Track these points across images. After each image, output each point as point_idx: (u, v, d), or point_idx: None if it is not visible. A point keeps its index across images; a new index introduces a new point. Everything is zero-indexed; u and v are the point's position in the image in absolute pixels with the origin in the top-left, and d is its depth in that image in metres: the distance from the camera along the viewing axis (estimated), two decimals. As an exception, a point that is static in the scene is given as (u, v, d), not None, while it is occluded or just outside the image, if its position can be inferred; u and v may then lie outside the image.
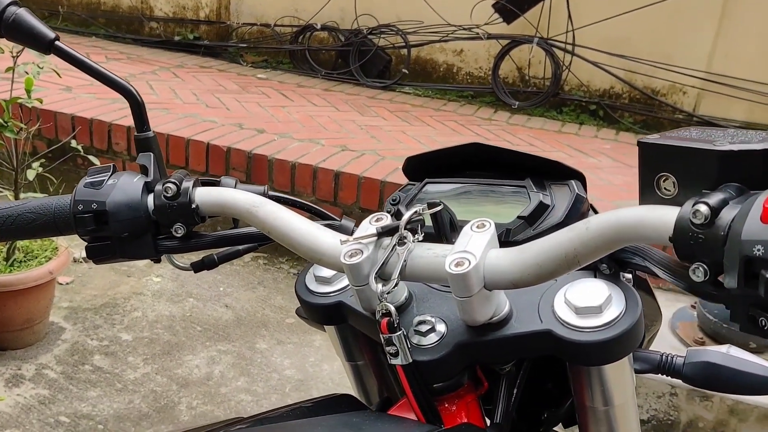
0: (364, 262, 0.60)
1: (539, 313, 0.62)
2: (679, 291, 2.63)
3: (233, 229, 0.72)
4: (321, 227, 0.65)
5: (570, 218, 0.67)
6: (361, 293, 0.62)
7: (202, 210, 0.69)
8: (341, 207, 2.93)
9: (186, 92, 3.89)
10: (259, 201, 0.67)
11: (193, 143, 3.14)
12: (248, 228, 0.72)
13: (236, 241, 0.72)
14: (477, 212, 0.71)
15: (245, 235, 0.72)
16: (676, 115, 4.21)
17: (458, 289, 0.57)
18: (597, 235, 0.52)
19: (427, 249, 0.61)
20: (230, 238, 0.71)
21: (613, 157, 3.53)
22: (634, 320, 0.59)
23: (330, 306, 0.70)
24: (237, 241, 0.72)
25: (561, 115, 4.29)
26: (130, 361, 2.38)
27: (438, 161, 0.76)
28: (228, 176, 0.76)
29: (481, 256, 0.57)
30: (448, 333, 0.63)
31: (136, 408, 2.17)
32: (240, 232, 0.72)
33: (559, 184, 0.70)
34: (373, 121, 3.73)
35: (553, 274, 0.56)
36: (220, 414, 2.16)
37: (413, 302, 0.67)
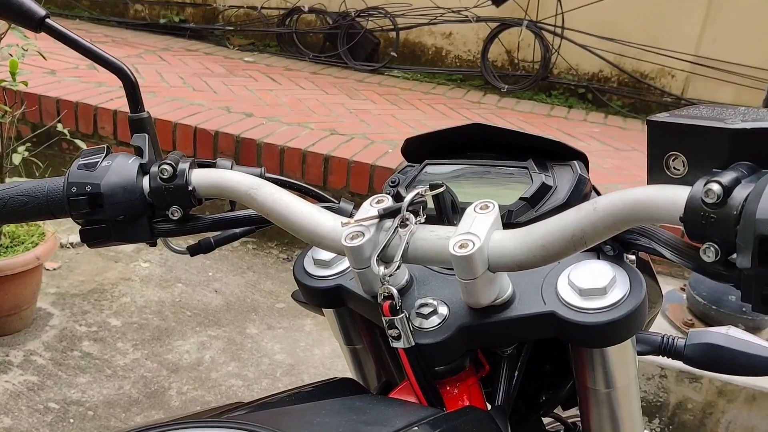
0: (366, 244, 0.59)
1: (542, 295, 0.61)
2: (668, 273, 2.65)
3: (230, 212, 0.71)
4: (321, 209, 0.64)
5: (573, 199, 0.66)
6: (362, 276, 0.61)
7: (198, 192, 0.67)
8: (331, 191, 2.92)
9: (172, 76, 3.85)
10: (258, 183, 0.65)
11: (181, 127, 3.11)
12: (246, 211, 0.70)
13: (234, 224, 0.70)
14: (478, 194, 0.70)
15: (243, 217, 0.70)
16: (664, 99, 4.22)
17: (462, 271, 0.56)
18: (605, 215, 0.52)
19: (429, 231, 0.60)
20: (228, 221, 0.70)
21: (601, 140, 3.53)
22: (638, 302, 0.58)
23: (329, 289, 0.69)
24: (234, 224, 0.70)
25: (550, 98, 4.28)
26: (119, 347, 2.37)
27: (438, 142, 0.75)
28: (224, 158, 0.74)
29: (486, 238, 0.56)
30: (450, 316, 0.62)
31: (126, 394, 2.16)
32: (237, 215, 0.70)
33: (561, 164, 0.69)
34: (362, 104, 3.71)
35: (558, 256, 0.55)
36: (210, 399, 2.16)
37: (414, 285, 0.66)
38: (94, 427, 2.03)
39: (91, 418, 2.05)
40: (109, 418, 2.06)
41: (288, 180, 0.75)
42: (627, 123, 3.98)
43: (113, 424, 2.04)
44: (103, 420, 2.05)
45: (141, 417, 2.07)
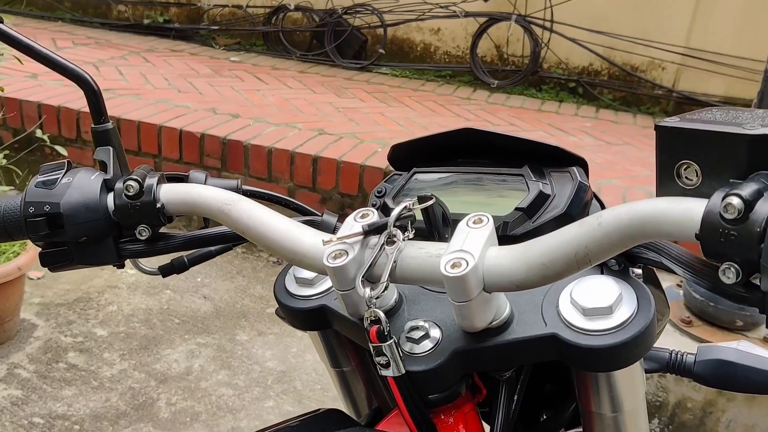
0: (350, 264, 0.54)
1: (543, 315, 0.56)
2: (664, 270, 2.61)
3: (204, 229, 0.66)
4: (301, 226, 0.59)
5: (573, 208, 0.61)
6: (346, 298, 0.56)
7: (168, 209, 0.62)
8: (320, 193, 2.87)
9: (157, 77, 3.78)
10: (232, 198, 0.60)
11: (166, 130, 3.05)
12: (221, 227, 0.65)
13: (208, 242, 0.65)
14: (470, 203, 0.65)
15: (218, 235, 0.65)
16: (655, 91, 4.18)
17: (455, 293, 0.51)
18: (611, 231, 0.47)
19: (419, 248, 0.55)
20: (201, 239, 0.65)
21: (594, 135, 3.49)
22: (647, 321, 0.54)
23: (312, 310, 0.65)
24: (209, 241, 0.65)
25: (540, 93, 4.24)
26: (106, 358, 2.31)
27: (427, 148, 0.70)
28: (197, 170, 0.69)
29: (480, 256, 0.51)
30: (443, 339, 0.57)
31: (114, 406, 2.10)
32: (212, 232, 0.65)
33: (559, 171, 0.64)
34: (351, 103, 3.66)
35: (560, 275, 0.50)
36: (200, 410, 2.10)
37: (404, 305, 0.61)
38: (81, 442, 1.98)
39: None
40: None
41: (267, 192, 0.70)
42: (618, 117, 3.94)
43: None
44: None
45: (129, 430, 2.02)
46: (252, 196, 0.70)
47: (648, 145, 3.42)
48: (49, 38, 4.40)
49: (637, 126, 3.79)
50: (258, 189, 0.70)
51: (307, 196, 2.89)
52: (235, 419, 2.08)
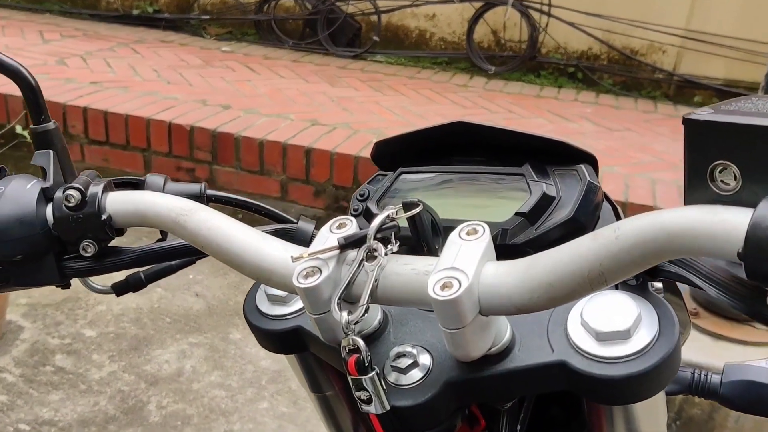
0: (324, 283, 0.47)
1: (549, 340, 0.48)
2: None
3: (161, 242, 0.58)
4: (268, 238, 0.51)
5: (581, 212, 0.54)
6: (321, 323, 0.48)
7: (116, 221, 0.54)
8: (314, 185, 2.78)
9: (146, 69, 3.69)
10: (189, 207, 0.52)
11: (154, 123, 2.96)
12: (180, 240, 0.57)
13: (165, 257, 0.57)
14: (464, 208, 0.57)
15: (176, 248, 0.57)
16: (656, 75, 4.09)
17: (446, 318, 0.44)
18: (631, 245, 0.39)
19: (404, 264, 0.47)
20: (157, 254, 0.57)
21: (594, 121, 3.41)
22: (671, 346, 0.46)
23: (286, 332, 0.57)
24: (166, 256, 0.57)
25: (539, 79, 4.15)
26: (94, 360, 2.24)
27: (414, 145, 0.62)
28: (156, 174, 0.61)
29: (475, 274, 0.43)
30: (434, 368, 0.50)
31: (102, 410, 2.03)
32: (169, 245, 0.57)
33: (565, 169, 0.56)
34: (345, 92, 3.57)
35: (570, 297, 0.42)
36: (192, 413, 2.03)
37: (389, 327, 0.53)
38: (68, 449, 1.91)
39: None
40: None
41: (235, 197, 0.62)
42: (619, 102, 3.85)
43: (88, 444, 1.92)
44: (77, 440, 1.93)
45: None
46: (218, 202, 0.62)
47: (649, 130, 3.33)
48: (36, 31, 4.30)
49: (638, 111, 3.71)
50: (224, 194, 0.62)
51: (301, 188, 2.81)
52: (228, 422, 2.01)
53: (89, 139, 3.08)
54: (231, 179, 2.91)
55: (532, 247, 0.53)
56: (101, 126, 3.02)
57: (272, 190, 2.86)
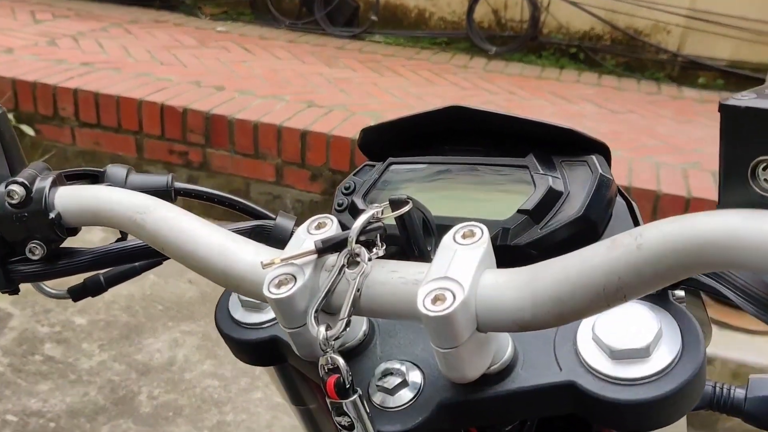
0: (299, 293, 0.41)
1: (556, 357, 0.43)
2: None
3: (120, 242, 0.52)
4: (238, 239, 0.45)
5: (592, 209, 0.48)
6: (296, 337, 0.42)
7: (67, 220, 0.48)
8: (310, 169, 2.72)
9: (139, 50, 3.61)
10: (148, 204, 0.46)
11: (146, 105, 2.89)
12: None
13: (126, 259, 0.51)
14: (460, 203, 0.51)
15: (138, 249, 0.51)
16: (659, 56, 4.01)
17: (438, 337, 0.38)
18: (656, 256, 0.33)
19: (390, 271, 0.41)
20: (117, 255, 0.51)
21: (597, 103, 3.33)
22: (696, 366, 0.40)
23: (262, 343, 0.51)
24: (127, 258, 0.51)
25: (540, 59, 4.06)
26: (84, 349, 2.19)
27: (406, 132, 0.56)
28: (118, 164, 0.55)
29: (471, 285, 0.37)
30: (426, 387, 0.44)
31: (92, 401, 1.98)
32: (130, 245, 0.51)
33: (573, 160, 0.50)
34: (342, 73, 3.49)
35: (581, 314, 0.36)
36: (184, 403, 1.98)
37: (376, 339, 0.47)
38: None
39: (52, 430, 1.88)
40: (72, 429, 1.89)
41: (205, 191, 0.56)
42: (622, 83, 3.77)
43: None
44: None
45: (107, 427, 1.90)
46: (187, 196, 0.56)
47: (653, 113, 3.26)
48: (28, 11, 4.21)
49: (642, 92, 3.63)
50: (194, 187, 0.55)
51: (296, 173, 2.74)
52: (221, 413, 1.97)
53: (80, 122, 3.01)
54: (225, 163, 2.84)
55: (536, 248, 0.47)
56: (92, 108, 2.95)
57: (267, 174, 2.79)
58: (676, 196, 2.32)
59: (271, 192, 2.82)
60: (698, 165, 2.59)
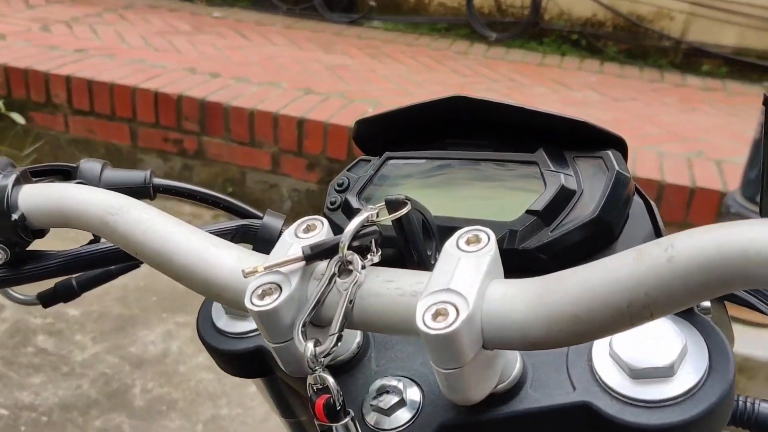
0: (284, 305, 0.37)
1: (570, 375, 0.39)
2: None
3: (93, 245, 0.47)
4: (220, 243, 0.41)
5: (608, 210, 0.43)
6: (281, 353, 0.38)
7: (32, 221, 0.44)
8: (307, 158, 2.67)
9: (133, 36, 3.55)
10: (120, 204, 0.42)
11: (140, 92, 2.84)
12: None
13: (98, 262, 0.47)
14: (463, 202, 0.47)
15: (111, 252, 0.47)
16: (663, 43, 3.95)
17: (440, 356, 0.34)
18: (690, 270, 0.29)
19: (386, 281, 0.37)
20: (89, 259, 0.47)
21: (599, 91, 3.28)
22: (725, 386, 0.36)
23: (248, 354, 0.47)
24: (100, 261, 0.47)
25: (542, 46, 4.00)
26: (77, 341, 2.15)
27: (404, 125, 0.52)
28: (92, 159, 0.51)
29: (477, 298, 0.33)
30: (425, 406, 0.40)
31: (85, 394, 1.95)
32: (103, 248, 0.47)
33: (587, 156, 0.46)
34: (340, 59, 3.43)
35: (600, 333, 0.32)
36: (178, 397, 1.95)
37: (370, 351, 0.43)
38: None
39: (44, 424, 1.85)
40: (65, 423, 1.86)
41: (187, 187, 0.52)
42: (624, 70, 3.72)
43: (69, 430, 1.84)
44: (57, 426, 1.85)
45: (101, 421, 1.87)
46: (167, 194, 0.52)
47: (656, 101, 3.21)
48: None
49: (644, 80, 3.58)
50: (175, 183, 0.51)
51: (293, 161, 2.70)
52: (216, 407, 1.93)
53: (73, 110, 2.95)
54: (220, 151, 2.80)
55: (546, 252, 0.43)
56: (85, 95, 2.90)
57: (263, 162, 2.75)
58: (680, 186, 2.28)
59: (267, 181, 2.78)
60: (702, 154, 2.55)
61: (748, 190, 1.93)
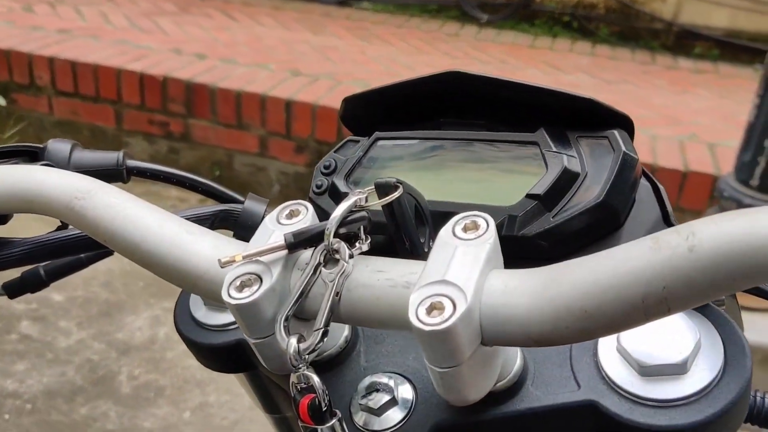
0: (264, 298, 0.34)
1: (574, 371, 0.36)
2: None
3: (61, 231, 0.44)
4: (196, 229, 0.38)
5: (615, 194, 0.41)
6: (262, 349, 0.35)
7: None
8: (295, 140, 2.63)
9: (118, 16, 3.48)
10: (88, 188, 0.39)
11: (125, 74, 2.78)
12: (84, 228, 0.44)
13: (67, 250, 0.44)
14: (458, 185, 0.44)
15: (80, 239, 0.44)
16: (654, 25, 3.92)
17: (435, 354, 0.31)
18: (714, 261, 0.26)
19: (376, 271, 0.34)
20: (56, 247, 0.44)
21: (591, 73, 3.25)
22: (742, 384, 0.34)
23: (228, 347, 0.44)
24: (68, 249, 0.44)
25: (533, 28, 3.96)
26: (62, 327, 2.11)
27: (395, 103, 0.49)
28: (61, 139, 0.47)
29: (476, 291, 0.30)
30: (418, 405, 0.37)
31: (70, 381, 1.92)
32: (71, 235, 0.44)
33: (592, 136, 0.43)
34: (328, 41, 3.38)
35: (612, 329, 0.29)
36: (165, 384, 1.92)
37: (359, 346, 0.41)
38: (33, 423, 1.80)
39: (29, 412, 1.82)
40: (49, 411, 1.83)
41: (162, 170, 0.49)
42: (616, 52, 3.69)
43: (54, 418, 1.81)
44: (43, 414, 1.82)
45: (87, 408, 1.84)
46: (141, 176, 0.48)
47: (648, 83, 3.19)
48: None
49: (636, 62, 3.55)
50: (150, 165, 0.48)
51: (281, 144, 2.66)
52: (203, 393, 1.91)
53: (57, 91, 2.90)
54: (207, 134, 2.75)
55: (547, 239, 0.40)
56: (69, 77, 2.84)
57: (250, 145, 2.71)
58: (673, 169, 2.26)
59: (255, 164, 2.74)
60: (695, 137, 2.53)
61: (741, 173, 1.91)
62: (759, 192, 1.87)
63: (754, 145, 1.86)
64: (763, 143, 1.85)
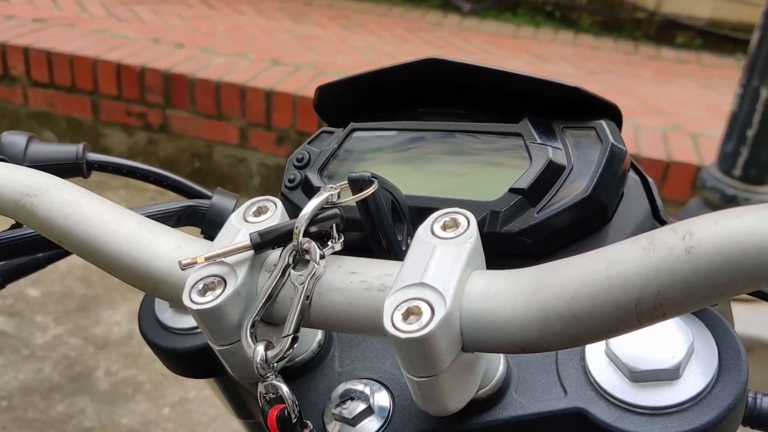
0: (229, 302, 0.31)
1: (560, 377, 0.34)
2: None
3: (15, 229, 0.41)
4: (156, 228, 0.35)
5: (602, 188, 0.38)
6: (228, 356, 0.33)
7: (-64, 204, 0.38)
8: (276, 132, 2.60)
9: (95, 5, 3.41)
10: (39, 184, 0.36)
11: (102, 64, 2.72)
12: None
13: (21, 250, 0.41)
14: (437, 179, 0.42)
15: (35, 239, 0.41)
16: (637, 15, 3.91)
17: (411, 363, 0.29)
18: (714, 264, 0.24)
19: (348, 273, 0.32)
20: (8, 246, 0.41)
21: (574, 63, 3.24)
22: (737, 390, 0.32)
23: (195, 352, 0.42)
24: (22, 248, 0.41)
25: (516, 17, 3.94)
26: (38, 322, 2.07)
27: (372, 91, 0.46)
28: (16, 132, 0.44)
29: (455, 294, 0.28)
30: (396, 414, 0.35)
31: (46, 378, 1.88)
32: (25, 233, 0.41)
33: (578, 127, 0.41)
34: (310, 30, 3.34)
35: (603, 335, 0.27)
36: (144, 380, 1.89)
37: (333, 350, 0.38)
38: (9, 420, 1.76)
39: (5, 409, 1.78)
40: (26, 408, 1.79)
41: (125, 164, 0.46)
42: (599, 42, 3.68)
43: (31, 415, 1.77)
44: (19, 411, 1.78)
45: (64, 405, 1.80)
46: (103, 171, 0.46)
47: (631, 73, 3.18)
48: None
49: (619, 52, 3.54)
50: (112, 159, 0.45)
51: (262, 135, 2.62)
52: (183, 389, 1.88)
53: (32, 81, 2.83)
54: (186, 125, 2.71)
55: (531, 236, 0.38)
56: (44, 67, 2.78)
57: (231, 136, 2.67)
58: (656, 159, 2.25)
59: (235, 155, 2.70)
60: (678, 127, 2.53)
61: (724, 163, 1.90)
62: (741, 182, 1.86)
63: (737, 136, 1.86)
64: (745, 133, 1.84)
